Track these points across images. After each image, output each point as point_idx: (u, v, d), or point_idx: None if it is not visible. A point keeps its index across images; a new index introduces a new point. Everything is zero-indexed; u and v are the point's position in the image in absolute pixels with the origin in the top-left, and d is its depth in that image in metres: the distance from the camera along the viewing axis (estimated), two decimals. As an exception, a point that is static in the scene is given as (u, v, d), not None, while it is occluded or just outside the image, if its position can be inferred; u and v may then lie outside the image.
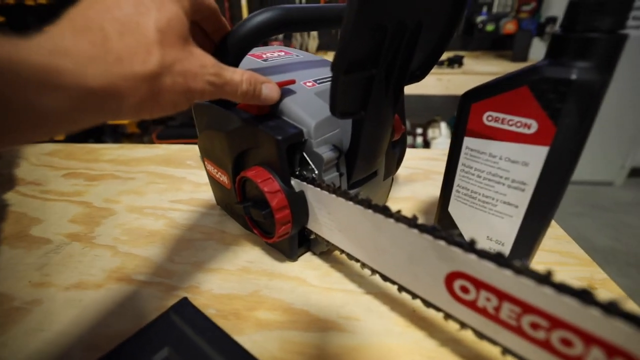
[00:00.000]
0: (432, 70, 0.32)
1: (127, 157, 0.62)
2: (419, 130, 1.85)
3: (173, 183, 0.52)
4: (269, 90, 0.27)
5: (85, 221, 0.43)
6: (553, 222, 0.40)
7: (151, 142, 1.86)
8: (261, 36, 0.28)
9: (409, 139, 1.84)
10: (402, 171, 0.53)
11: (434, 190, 0.47)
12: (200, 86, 0.22)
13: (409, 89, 0.34)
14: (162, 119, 2.05)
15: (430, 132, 1.80)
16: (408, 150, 0.57)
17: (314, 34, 1.78)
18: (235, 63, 0.29)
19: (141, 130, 1.97)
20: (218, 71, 0.23)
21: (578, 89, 0.21)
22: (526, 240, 0.28)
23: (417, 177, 0.52)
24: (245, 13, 1.67)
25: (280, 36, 1.75)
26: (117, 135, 1.98)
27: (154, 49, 0.19)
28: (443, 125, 1.79)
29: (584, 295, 0.16)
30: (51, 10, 1.75)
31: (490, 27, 1.62)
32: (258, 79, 0.26)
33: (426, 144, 1.82)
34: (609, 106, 1.76)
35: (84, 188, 0.51)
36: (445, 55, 1.50)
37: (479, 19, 1.66)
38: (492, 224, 0.29)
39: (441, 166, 0.32)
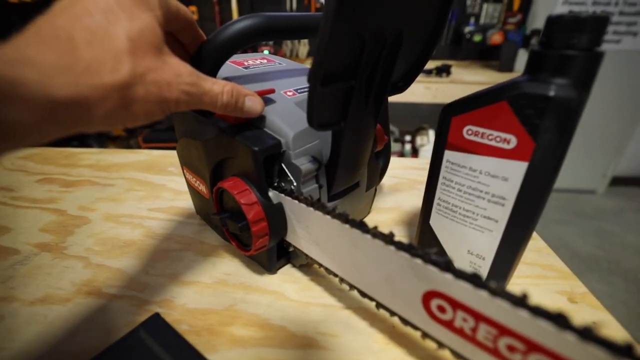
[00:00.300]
0: (420, 79, 0.32)
1: (107, 163, 0.60)
2: (408, 138, 1.87)
3: (152, 190, 0.50)
4: (252, 103, 0.26)
5: (58, 230, 0.41)
6: (534, 234, 0.40)
7: (138, 145, 1.82)
8: (239, 44, 0.28)
9: (398, 146, 1.85)
10: (387, 180, 0.53)
11: (419, 200, 0.46)
12: (175, 96, 0.21)
13: (397, 97, 0.34)
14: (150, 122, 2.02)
15: (419, 140, 1.82)
16: (393, 159, 0.56)
17: (305, 40, 1.78)
18: (212, 71, 0.28)
19: (127, 134, 1.94)
20: (195, 81, 0.22)
21: (556, 106, 0.21)
22: (507, 255, 0.28)
23: (402, 186, 0.51)
24: (235, 17, 1.67)
25: (270, 42, 1.75)
26: (103, 138, 1.94)
27: (125, 57, 0.18)
28: (431, 133, 1.81)
29: (560, 320, 0.15)
30: (35, 8, 1.71)
31: (477, 38, 1.65)
32: (241, 91, 0.26)
33: (414, 151, 1.83)
34: (592, 116, 1.81)
35: (59, 195, 0.49)
36: (433, 64, 1.52)
37: (467, 29, 1.69)
38: (473, 238, 0.29)
39: (426, 176, 0.32)
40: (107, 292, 0.32)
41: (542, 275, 0.34)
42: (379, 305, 0.24)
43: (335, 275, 0.27)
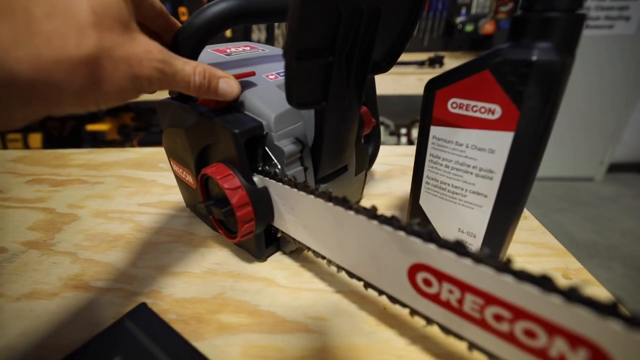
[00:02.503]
0: (413, 71, 0.32)
1: (97, 162, 0.59)
2: (403, 131, 1.86)
3: (143, 186, 0.50)
4: (227, 85, 0.26)
5: (46, 228, 0.41)
6: (528, 214, 0.40)
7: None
8: (217, 27, 0.27)
9: (394, 140, 1.84)
10: (378, 167, 0.52)
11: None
12: (147, 72, 0.20)
13: (391, 90, 0.33)
14: (144, 125, 2.01)
15: (415, 132, 1.81)
16: (384, 147, 0.56)
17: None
18: (191, 58, 0.27)
19: (122, 137, 1.93)
20: (166, 58, 0.22)
21: (539, 70, 0.21)
22: (498, 231, 0.28)
23: (393, 173, 0.51)
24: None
25: (264, 33, 1.74)
26: (97, 142, 1.93)
27: (89, 31, 0.17)
28: (427, 125, 1.80)
29: (544, 283, 0.15)
30: None
31: (469, 28, 1.65)
32: (214, 72, 0.25)
33: (411, 144, 1.83)
34: (588, 103, 1.81)
35: (48, 194, 0.49)
36: (426, 56, 1.51)
37: (458, 19, 1.68)
38: (463, 215, 0.28)
39: None
40: (94, 285, 0.32)
41: (535, 253, 0.34)
42: (367, 284, 0.24)
43: (323, 257, 0.26)
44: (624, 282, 1.37)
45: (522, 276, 0.15)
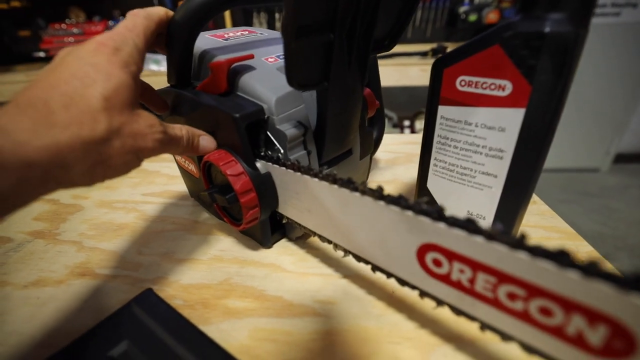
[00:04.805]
0: (416, 61, 0.31)
1: (100, 153, 0.59)
2: (407, 123, 1.84)
3: (146, 177, 0.50)
4: (205, 141, 0.28)
5: (51, 218, 0.41)
6: (537, 199, 0.39)
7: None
8: (206, 16, 0.26)
9: (397, 132, 1.83)
10: (383, 155, 0.51)
11: (416, 173, 0.46)
12: (150, 145, 0.22)
13: (393, 82, 0.33)
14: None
15: (418, 124, 1.80)
16: (388, 136, 0.55)
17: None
18: (187, 48, 0.27)
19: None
20: (165, 129, 0.23)
21: (552, 43, 0.20)
22: (508, 213, 0.27)
23: (398, 160, 0.50)
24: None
25: (264, 20, 1.71)
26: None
27: (100, 116, 0.19)
28: (431, 116, 1.79)
29: (561, 258, 0.14)
30: (26, 13, 1.70)
31: (472, 17, 1.62)
32: (195, 132, 0.27)
33: (415, 136, 1.81)
34: (593, 92, 1.78)
35: (52, 185, 0.49)
36: (429, 46, 1.49)
37: (462, 9, 1.65)
38: (472, 197, 0.28)
39: None
40: (100, 272, 0.32)
41: (546, 237, 0.33)
42: (375, 267, 0.23)
43: (329, 241, 0.26)
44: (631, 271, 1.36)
45: (538, 252, 0.15)
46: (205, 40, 0.32)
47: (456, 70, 0.25)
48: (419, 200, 0.18)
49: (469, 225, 0.16)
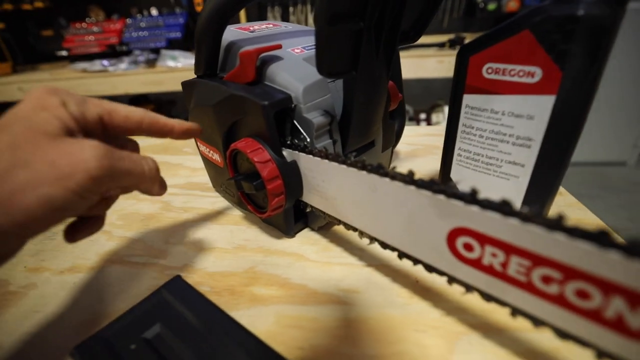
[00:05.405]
0: (433, 53, 0.31)
1: (124, 148, 0.61)
2: (423, 116, 1.82)
3: (169, 169, 0.51)
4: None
5: (81, 209, 0.42)
6: (563, 190, 0.38)
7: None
8: (232, 9, 0.27)
9: (414, 124, 1.81)
10: (402, 147, 0.51)
11: (436, 164, 0.45)
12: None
13: (409, 74, 0.33)
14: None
15: (434, 117, 1.77)
16: (407, 128, 0.55)
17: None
18: (214, 44, 0.29)
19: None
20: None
21: (586, 26, 0.20)
22: (535, 203, 0.27)
23: (418, 152, 0.50)
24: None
25: (278, 14, 1.72)
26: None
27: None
28: (447, 110, 1.76)
29: (602, 238, 0.14)
30: (49, 14, 1.75)
31: (492, 6, 1.58)
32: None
33: (430, 130, 1.79)
34: (619, 81, 1.71)
35: (80, 178, 0.51)
36: (446, 37, 1.47)
37: (481, -2, 1.61)
38: (498, 186, 0.27)
39: (442, 141, 0.30)
40: (130, 260, 0.33)
41: (573, 228, 0.33)
42: (402, 254, 0.24)
43: (355, 229, 0.26)
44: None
45: (576, 233, 0.14)
46: (232, 33, 0.32)
47: (483, 58, 0.25)
48: (451, 184, 0.18)
49: (504, 208, 0.16)
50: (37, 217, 0.17)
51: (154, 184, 0.24)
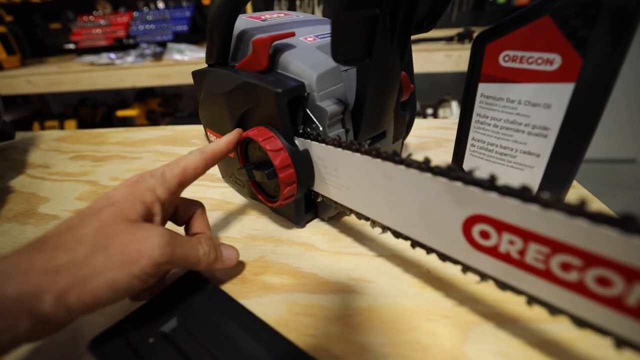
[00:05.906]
0: (441, 47, 0.31)
1: (133, 139, 0.61)
2: (430, 111, 1.81)
3: (178, 160, 0.51)
4: (229, 252, 0.27)
5: (92, 198, 0.43)
6: (575, 183, 0.38)
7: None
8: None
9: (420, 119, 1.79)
10: (412, 140, 0.51)
11: (447, 156, 0.45)
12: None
13: (417, 68, 0.32)
14: (171, 111, 2.05)
15: (442, 112, 1.76)
16: (418, 120, 0.54)
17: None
18: (225, 34, 0.29)
19: (150, 122, 1.98)
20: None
21: (610, 10, 0.19)
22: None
23: (428, 145, 0.49)
24: None
25: (284, 7, 1.71)
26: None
27: None
28: (454, 105, 1.74)
29: (626, 224, 0.14)
30: (56, 6, 1.75)
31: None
32: (216, 242, 0.26)
33: (437, 126, 1.77)
34: (629, 75, 1.68)
35: (91, 168, 0.51)
36: (454, 31, 1.45)
37: (490, -8, 1.59)
38: (512, 177, 0.27)
39: (453, 134, 0.30)
40: (141, 249, 0.33)
41: (586, 221, 0.32)
42: (415, 243, 0.23)
43: (367, 218, 0.26)
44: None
45: (600, 219, 0.14)
46: (244, 21, 0.32)
47: (500, 45, 0.24)
48: (470, 170, 0.18)
49: (524, 194, 0.16)
50: (101, 299, 0.19)
51: (209, 266, 0.25)
